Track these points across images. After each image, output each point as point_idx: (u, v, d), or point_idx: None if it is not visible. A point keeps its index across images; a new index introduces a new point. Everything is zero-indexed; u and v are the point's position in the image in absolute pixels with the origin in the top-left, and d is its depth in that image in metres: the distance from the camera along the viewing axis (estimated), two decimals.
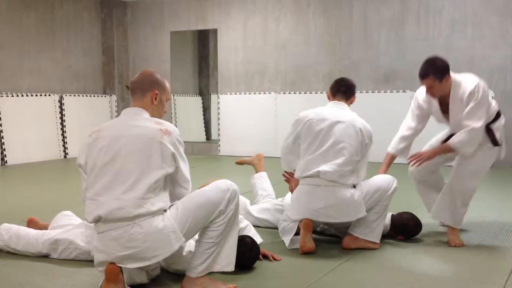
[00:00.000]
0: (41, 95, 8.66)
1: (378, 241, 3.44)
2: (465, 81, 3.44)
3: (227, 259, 2.62)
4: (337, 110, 3.45)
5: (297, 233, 3.43)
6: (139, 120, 2.58)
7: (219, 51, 9.43)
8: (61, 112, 8.93)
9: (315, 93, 8.58)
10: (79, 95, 9.33)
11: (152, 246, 2.44)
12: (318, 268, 3.05)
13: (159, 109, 2.70)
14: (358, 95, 3.68)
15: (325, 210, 3.31)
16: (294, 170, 3.52)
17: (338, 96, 3.53)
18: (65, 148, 8.94)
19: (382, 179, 3.48)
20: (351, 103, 3.56)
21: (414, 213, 3.83)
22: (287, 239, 3.45)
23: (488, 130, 3.49)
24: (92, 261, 3.06)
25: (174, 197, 2.62)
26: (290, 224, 3.45)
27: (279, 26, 8.92)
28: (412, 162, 3.52)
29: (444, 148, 3.51)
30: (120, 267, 2.49)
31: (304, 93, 8.69)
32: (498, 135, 3.53)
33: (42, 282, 2.84)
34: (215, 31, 9.50)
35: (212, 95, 10.37)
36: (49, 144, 8.70)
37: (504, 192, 5.68)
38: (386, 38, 8.16)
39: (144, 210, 2.42)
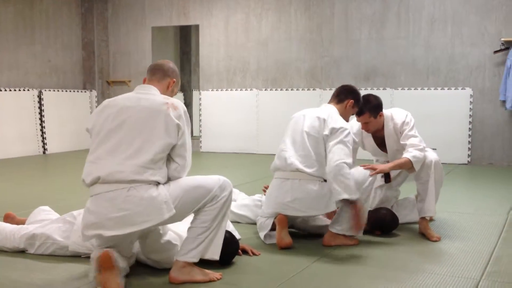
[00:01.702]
0: (20, 90, 8.55)
1: (361, 233, 3.45)
2: (396, 114, 3.76)
3: (217, 248, 2.69)
4: (319, 109, 3.53)
5: (273, 229, 3.45)
6: (149, 94, 2.69)
7: (201, 47, 9.40)
8: (40, 107, 8.83)
9: (297, 90, 8.60)
10: (58, 90, 9.23)
11: (144, 211, 2.49)
12: (297, 262, 3.07)
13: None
14: None
15: (292, 204, 3.36)
16: None
17: (331, 99, 3.61)
18: (44, 143, 8.84)
19: (356, 173, 3.45)
20: (346, 106, 3.53)
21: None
22: (262, 235, 3.49)
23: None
24: (69, 256, 3.06)
25: (168, 173, 2.65)
26: (267, 221, 3.50)
27: (261, 23, 8.92)
28: (370, 173, 3.50)
29: (400, 163, 3.56)
30: (114, 256, 2.48)
31: (286, 89, 8.70)
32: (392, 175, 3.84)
33: (19, 278, 2.81)
34: (197, 27, 9.46)
35: (193, 91, 10.34)
36: (27, 140, 8.60)
37: (481, 187, 5.76)
38: (367, 36, 8.21)
39: (142, 178, 2.50)
